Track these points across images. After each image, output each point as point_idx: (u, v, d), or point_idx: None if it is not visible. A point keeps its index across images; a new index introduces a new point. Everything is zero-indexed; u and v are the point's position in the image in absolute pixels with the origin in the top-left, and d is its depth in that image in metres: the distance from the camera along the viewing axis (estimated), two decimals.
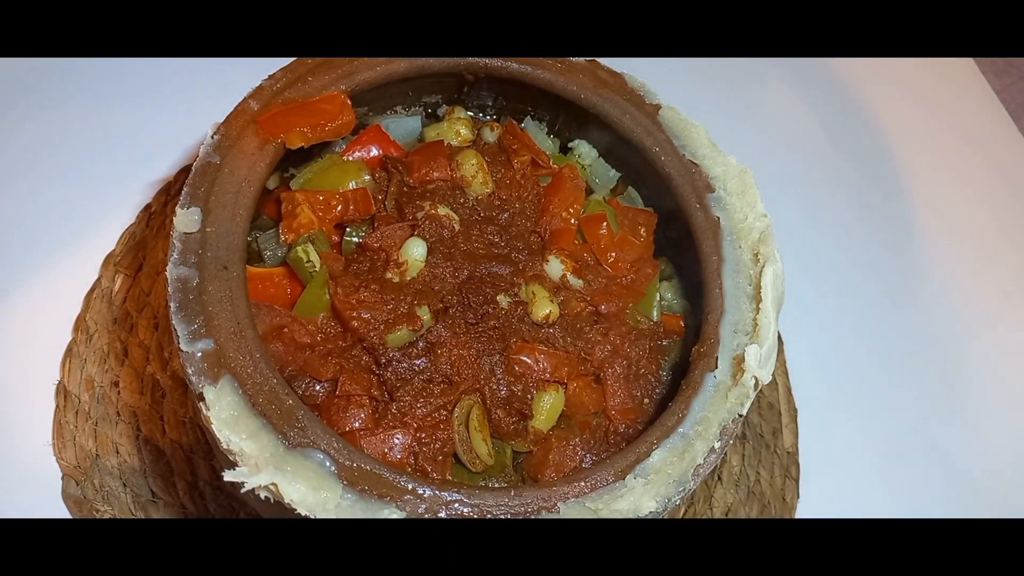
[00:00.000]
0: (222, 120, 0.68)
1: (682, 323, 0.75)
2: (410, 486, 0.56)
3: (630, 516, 0.57)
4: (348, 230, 0.72)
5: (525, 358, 0.68)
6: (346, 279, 0.67)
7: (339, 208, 0.72)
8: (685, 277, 0.77)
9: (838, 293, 1.10)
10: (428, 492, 0.56)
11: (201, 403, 0.57)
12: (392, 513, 0.54)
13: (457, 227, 0.71)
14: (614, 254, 0.74)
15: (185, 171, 0.96)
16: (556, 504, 0.57)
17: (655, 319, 0.74)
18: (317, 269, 0.68)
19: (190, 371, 0.57)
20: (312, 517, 0.53)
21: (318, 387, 0.65)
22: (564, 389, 0.68)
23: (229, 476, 0.54)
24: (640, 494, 0.58)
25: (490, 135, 0.79)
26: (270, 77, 0.71)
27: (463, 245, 0.71)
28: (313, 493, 0.54)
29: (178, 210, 0.63)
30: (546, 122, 0.83)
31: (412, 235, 0.70)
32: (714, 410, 0.62)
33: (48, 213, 0.92)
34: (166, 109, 1.01)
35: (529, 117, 0.83)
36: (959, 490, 0.98)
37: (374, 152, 0.76)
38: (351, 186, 0.73)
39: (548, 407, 0.67)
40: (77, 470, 0.77)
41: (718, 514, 0.89)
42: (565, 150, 0.83)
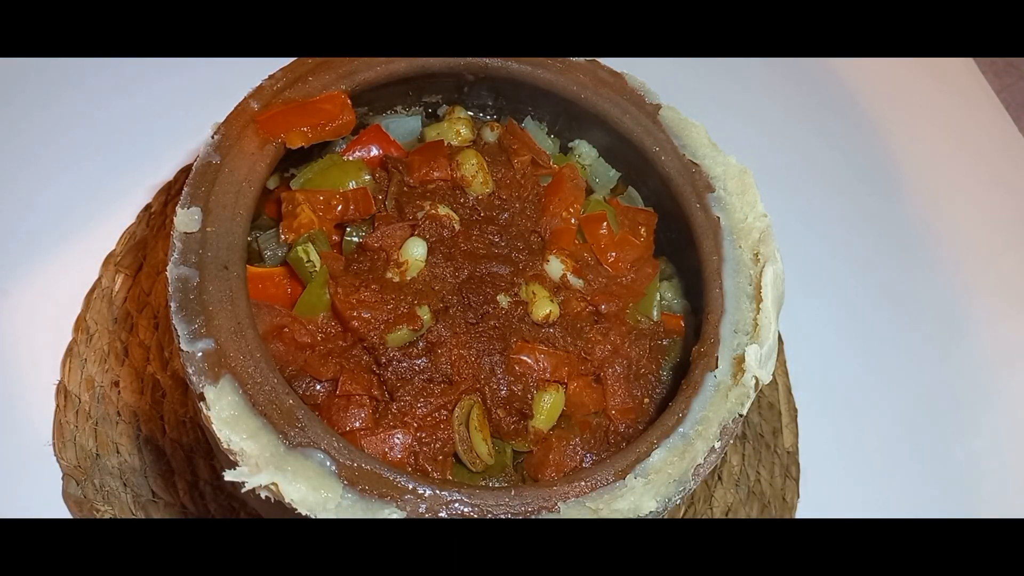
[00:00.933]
0: (222, 120, 0.68)
1: (682, 323, 0.75)
2: (410, 486, 0.56)
3: (630, 516, 0.57)
4: (348, 230, 0.72)
5: (525, 358, 0.68)
6: (346, 279, 0.67)
7: (339, 208, 0.72)
8: (685, 277, 0.77)
9: (838, 293, 1.10)
10: (428, 492, 0.56)
11: (201, 403, 0.57)
12: (392, 513, 0.54)
13: (457, 227, 0.71)
14: (614, 254, 0.74)
15: (185, 171, 0.96)
16: (556, 504, 0.57)
17: (655, 319, 0.74)
18: (317, 269, 0.68)
19: (190, 371, 0.57)
20: (313, 517, 0.53)
21: (318, 387, 0.65)
22: (564, 389, 0.68)
23: (230, 476, 0.54)
24: (640, 494, 0.58)
25: (490, 135, 0.79)
26: (270, 77, 0.71)
27: (463, 245, 0.71)
28: (313, 493, 0.54)
29: (178, 210, 0.63)
30: (546, 122, 0.83)
31: (412, 235, 0.70)
32: (714, 410, 0.62)
33: (48, 213, 0.92)
34: (166, 109, 1.01)
35: (529, 117, 0.83)
36: (959, 490, 0.98)
37: (374, 152, 0.76)
38: (351, 186, 0.73)
39: (548, 407, 0.67)
40: (77, 470, 0.77)
41: (718, 514, 0.89)
42: (565, 150, 0.83)
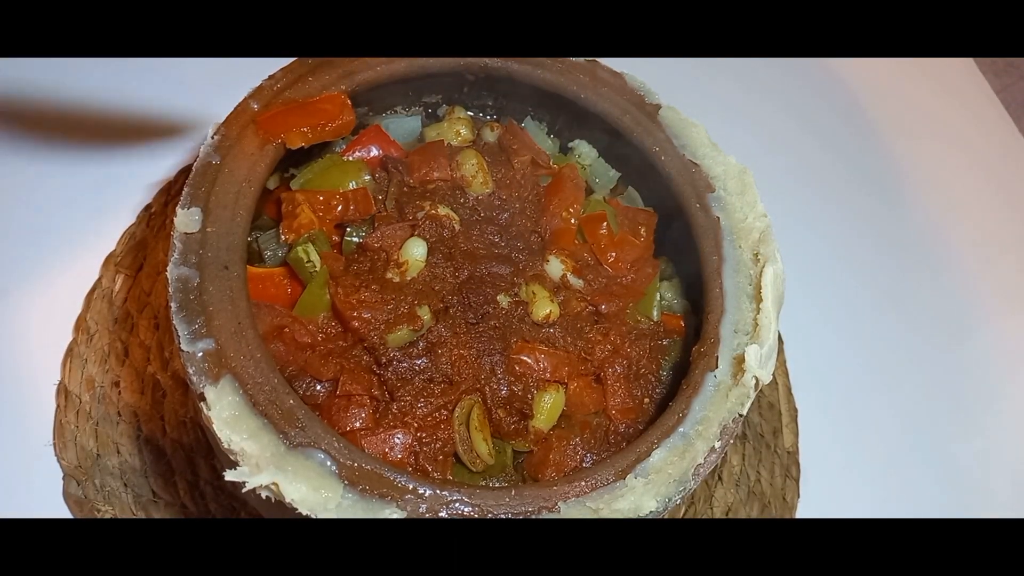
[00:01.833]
0: (222, 120, 0.69)
1: (682, 323, 0.75)
2: (411, 485, 0.56)
3: (631, 516, 0.57)
4: (348, 230, 0.72)
5: (525, 358, 0.68)
6: (346, 279, 0.67)
7: (339, 208, 0.72)
8: (685, 277, 0.77)
9: (838, 293, 1.10)
10: (429, 491, 0.56)
11: (202, 403, 0.57)
12: (393, 513, 0.54)
13: (457, 227, 0.71)
14: (614, 254, 0.74)
15: (185, 171, 0.96)
16: (557, 504, 0.57)
17: (655, 319, 0.74)
18: (317, 269, 0.68)
19: (191, 371, 0.58)
20: (313, 517, 0.53)
21: (319, 387, 0.65)
22: (564, 389, 0.68)
23: (230, 476, 0.54)
24: (641, 494, 0.58)
25: (490, 135, 0.79)
26: (270, 77, 0.72)
27: (463, 245, 0.71)
28: (314, 493, 0.54)
29: (179, 210, 0.63)
30: (546, 122, 0.83)
31: (412, 235, 0.70)
32: (714, 410, 0.62)
33: (49, 214, 0.92)
34: (166, 109, 1.01)
35: (529, 117, 0.83)
36: (959, 490, 0.98)
37: (374, 152, 0.76)
38: (351, 186, 0.73)
39: (548, 407, 0.67)
40: (78, 470, 0.77)
41: (719, 514, 0.89)
42: (565, 150, 0.83)
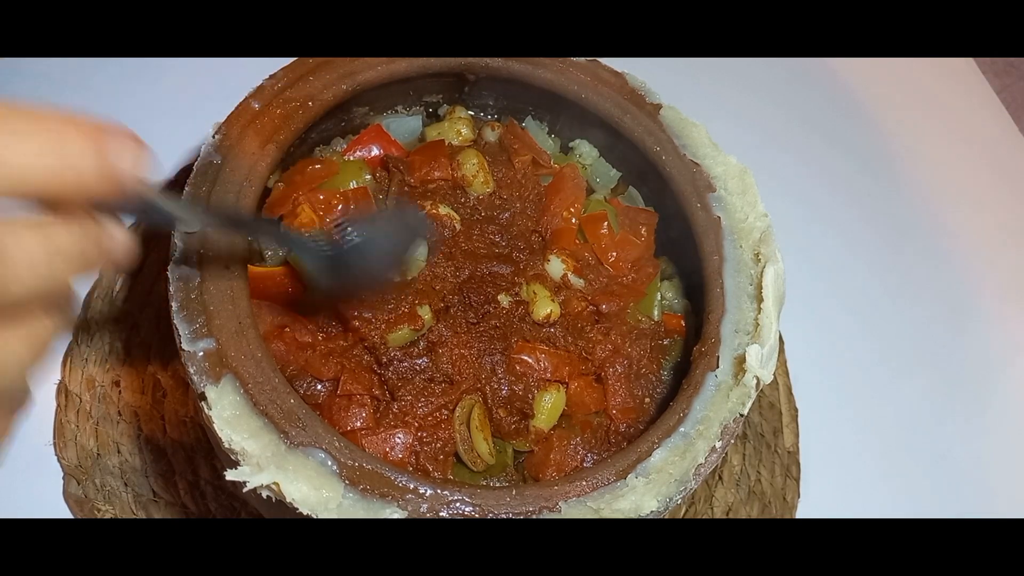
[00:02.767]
0: (223, 120, 0.68)
1: (683, 323, 0.75)
2: (412, 485, 0.56)
3: (631, 516, 0.57)
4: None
5: (526, 357, 0.68)
6: None
7: (340, 207, 0.71)
8: (686, 277, 0.77)
9: (839, 293, 1.10)
10: (429, 491, 0.56)
11: (203, 402, 0.57)
12: (394, 513, 0.54)
13: (458, 226, 0.71)
14: (615, 253, 0.74)
15: (186, 171, 0.95)
16: (557, 503, 0.57)
17: (656, 318, 0.74)
18: None
19: (192, 370, 0.57)
20: (314, 517, 0.53)
21: (319, 386, 0.65)
22: (565, 389, 0.68)
23: (231, 475, 0.54)
24: (641, 493, 0.58)
25: (491, 135, 0.79)
26: (271, 77, 0.71)
27: (464, 244, 0.71)
28: (315, 492, 0.54)
29: None
30: (547, 122, 0.83)
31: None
32: (715, 409, 0.62)
33: None
34: (166, 109, 1.01)
35: (530, 117, 0.82)
36: (960, 490, 0.98)
37: (375, 152, 0.76)
38: (352, 185, 0.73)
39: (549, 406, 0.67)
40: (78, 469, 0.77)
41: (719, 514, 0.89)
42: (566, 150, 0.83)
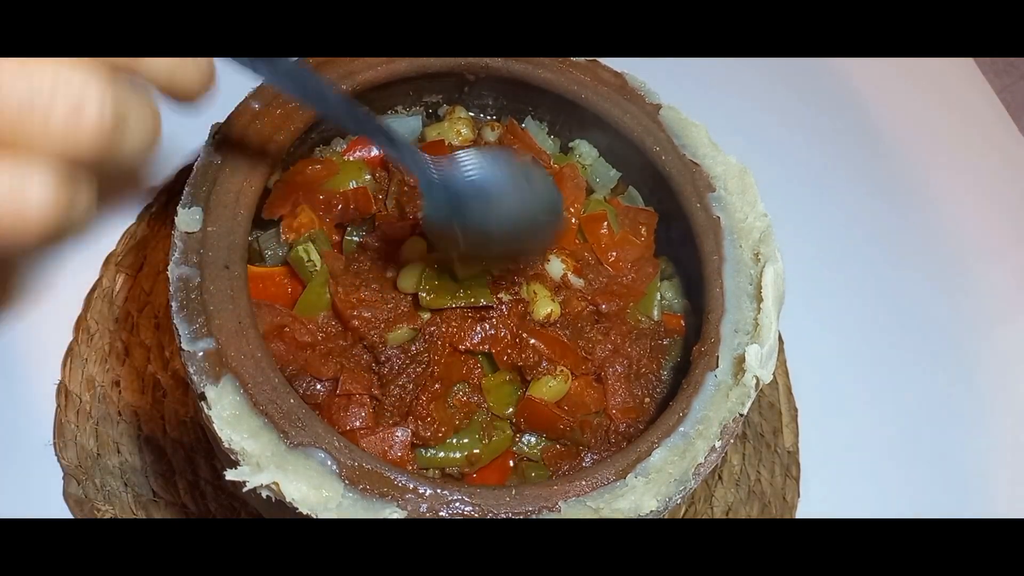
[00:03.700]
0: (223, 120, 0.69)
1: (683, 322, 0.75)
2: (411, 485, 0.56)
3: (631, 515, 0.57)
4: (349, 229, 0.72)
5: (534, 341, 0.68)
6: (346, 278, 0.67)
7: (339, 208, 0.72)
8: (685, 276, 0.77)
9: (838, 293, 1.10)
10: (429, 491, 0.56)
11: (202, 402, 0.57)
12: (393, 512, 0.54)
13: None
14: (615, 253, 0.74)
15: (186, 171, 0.95)
16: (557, 503, 0.57)
17: (656, 318, 0.74)
18: (318, 268, 0.68)
19: (191, 370, 0.57)
20: (314, 517, 0.53)
21: (319, 386, 0.65)
22: (570, 379, 0.68)
23: (231, 475, 0.54)
24: (641, 493, 0.58)
25: (491, 134, 0.79)
26: None
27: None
28: (314, 492, 0.54)
29: (179, 210, 0.63)
30: (546, 122, 0.83)
31: (412, 234, 0.70)
32: (715, 409, 0.62)
33: None
34: (166, 109, 1.01)
35: (530, 117, 0.82)
36: (961, 490, 0.98)
37: (375, 152, 0.76)
38: (351, 186, 0.73)
39: (553, 387, 0.67)
40: (78, 469, 0.77)
41: (719, 513, 0.89)
42: (566, 150, 0.83)
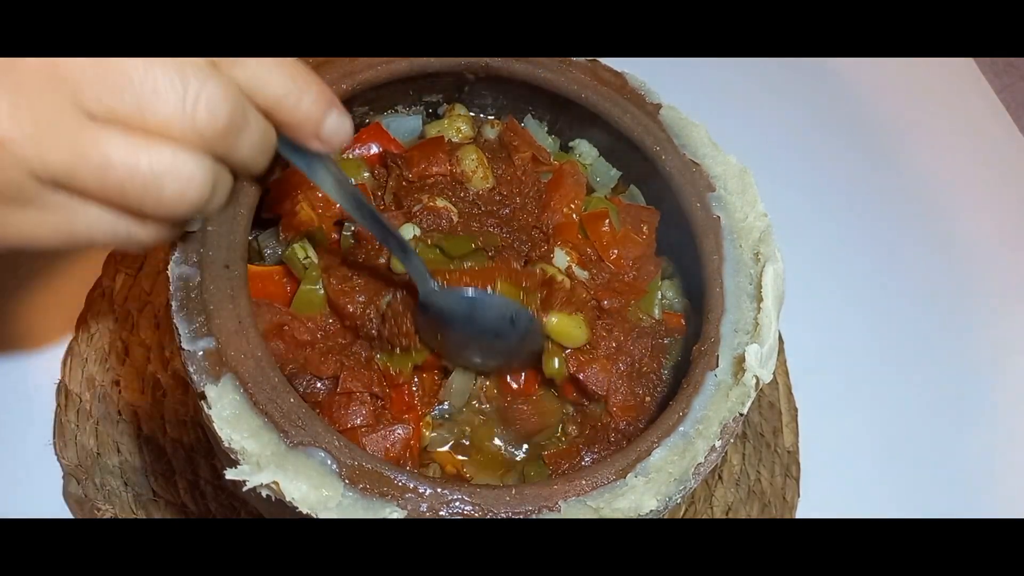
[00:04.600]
0: None
1: (683, 322, 0.75)
2: (411, 484, 0.56)
3: (631, 515, 0.57)
4: (345, 224, 0.71)
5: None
6: (340, 270, 0.67)
7: (338, 205, 0.71)
8: (686, 276, 0.77)
9: (838, 293, 1.10)
10: (429, 490, 0.56)
11: (202, 402, 0.57)
12: (393, 512, 0.54)
13: (455, 218, 0.71)
14: (616, 251, 0.74)
15: None
16: (557, 503, 0.57)
17: (657, 317, 0.74)
18: (313, 263, 0.68)
19: (191, 370, 0.57)
20: (314, 516, 0.53)
21: (319, 385, 0.65)
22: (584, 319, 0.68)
23: (231, 475, 0.54)
24: (641, 492, 0.58)
25: (491, 132, 0.79)
26: None
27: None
28: (314, 491, 0.54)
29: None
30: (547, 121, 0.83)
31: (406, 221, 0.70)
32: (715, 409, 0.62)
33: None
34: None
35: (529, 116, 0.82)
36: (961, 490, 0.98)
37: (374, 150, 0.76)
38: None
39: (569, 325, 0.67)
40: (78, 469, 0.77)
41: (719, 513, 0.89)
42: (566, 149, 0.83)
